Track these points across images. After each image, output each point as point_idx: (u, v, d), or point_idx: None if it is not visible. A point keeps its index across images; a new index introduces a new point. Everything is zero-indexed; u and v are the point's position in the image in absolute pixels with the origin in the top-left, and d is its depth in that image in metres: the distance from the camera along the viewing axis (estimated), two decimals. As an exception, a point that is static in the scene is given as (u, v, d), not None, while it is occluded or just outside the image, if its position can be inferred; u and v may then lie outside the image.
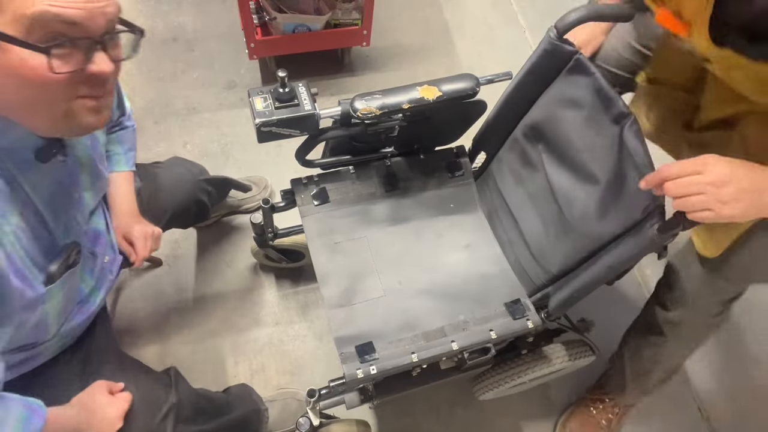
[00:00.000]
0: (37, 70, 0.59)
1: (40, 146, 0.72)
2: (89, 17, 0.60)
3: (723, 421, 1.47)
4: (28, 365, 0.87)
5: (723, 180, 0.69)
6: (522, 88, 1.09)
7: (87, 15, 0.60)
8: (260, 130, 0.93)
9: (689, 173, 0.72)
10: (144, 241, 1.06)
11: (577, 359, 1.23)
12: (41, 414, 0.70)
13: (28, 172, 0.72)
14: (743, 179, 0.70)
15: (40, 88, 0.61)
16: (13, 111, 0.65)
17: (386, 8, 2.17)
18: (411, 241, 1.17)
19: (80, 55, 0.62)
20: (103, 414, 0.84)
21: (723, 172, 0.70)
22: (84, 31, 0.61)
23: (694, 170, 0.71)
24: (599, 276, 0.93)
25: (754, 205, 0.71)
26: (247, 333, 1.50)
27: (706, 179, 0.70)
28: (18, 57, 0.58)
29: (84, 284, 0.93)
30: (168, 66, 1.97)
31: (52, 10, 0.57)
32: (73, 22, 0.59)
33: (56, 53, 0.59)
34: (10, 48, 0.58)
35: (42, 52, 0.59)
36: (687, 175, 0.72)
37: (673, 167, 0.73)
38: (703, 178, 0.70)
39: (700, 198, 0.71)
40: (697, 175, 0.71)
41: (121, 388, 0.91)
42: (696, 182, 0.71)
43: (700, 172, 0.71)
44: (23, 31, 0.57)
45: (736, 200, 0.69)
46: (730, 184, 0.69)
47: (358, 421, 1.28)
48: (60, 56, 0.60)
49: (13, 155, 0.69)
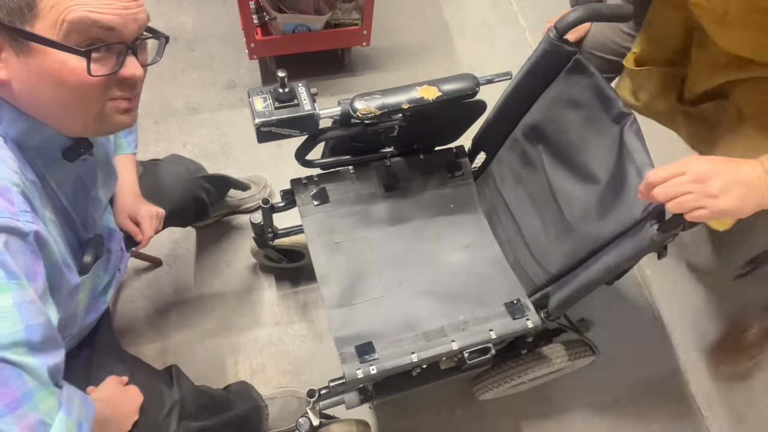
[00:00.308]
0: (76, 73, 0.62)
1: (67, 146, 0.74)
2: (124, 23, 0.64)
3: (723, 421, 1.47)
4: None
5: (706, 175, 0.70)
6: (522, 89, 1.09)
7: (122, 21, 0.64)
8: (260, 130, 0.93)
9: (673, 176, 0.72)
10: (149, 220, 1.08)
11: (576, 359, 1.23)
12: (91, 402, 0.73)
13: (54, 170, 0.75)
14: (727, 172, 0.70)
15: (76, 89, 0.64)
16: (45, 112, 0.68)
17: (386, 8, 2.17)
18: (411, 241, 1.17)
19: (114, 59, 0.66)
20: (124, 407, 0.88)
21: (704, 168, 0.71)
22: (118, 36, 0.64)
23: (677, 172, 0.72)
24: (599, 276, 0.93)
25: (748, 198, 0.71)
26: (247, 333, 1.50)
27: (689, 177, 0.71)
28: (58, 60, 0.61)
29: (98, 280, 0.95)
30: (168, 66, 1.96)
31: (91, 15, 0.61)
32: (111, 27, 0.63)
33: (94, 57, 0.63)
34: (50, 51, 0.61)
35: (83, 56, 0.62)
36: (671, 178, 0.72)
37: (658, 172, 0.74)
38: (687, 177, 0.71)
39: (690, 197, 0.71)
40: (681, 176, 0.72)
41: (126, 382, 0.93)
42: (680, 182, 0.72)
43: (684, 173, 0.72)
44: (62, 35, 0.60)
45: (725, 191, 0.70)
46: (713, 177, 0.70)
47: (357, 421, 1.28)
48: (97, 60, 0.63)
49: (41, 154, 0.72)
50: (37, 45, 0.60)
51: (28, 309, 0.58)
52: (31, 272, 0.61)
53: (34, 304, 0.59)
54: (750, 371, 1.53)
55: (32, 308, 0.59)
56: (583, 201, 1.00)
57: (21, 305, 0.57)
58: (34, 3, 0.58)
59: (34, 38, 0.60)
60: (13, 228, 0.59)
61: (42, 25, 0.59)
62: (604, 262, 0.92)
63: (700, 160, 0.72)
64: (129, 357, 1.03)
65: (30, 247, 0.61)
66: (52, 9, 0.59)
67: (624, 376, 1.50)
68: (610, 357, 1.42)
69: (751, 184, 0.71)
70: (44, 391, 0.59)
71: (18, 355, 0.56)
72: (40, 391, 0.58)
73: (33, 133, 0.69)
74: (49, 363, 0.60)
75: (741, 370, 1.47)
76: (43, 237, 0.64)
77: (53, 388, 0.61)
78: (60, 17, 0.59)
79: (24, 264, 0.60)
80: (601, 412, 1.46)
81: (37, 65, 0.62)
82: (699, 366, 1.54)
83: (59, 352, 0.64)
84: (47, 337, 0.60)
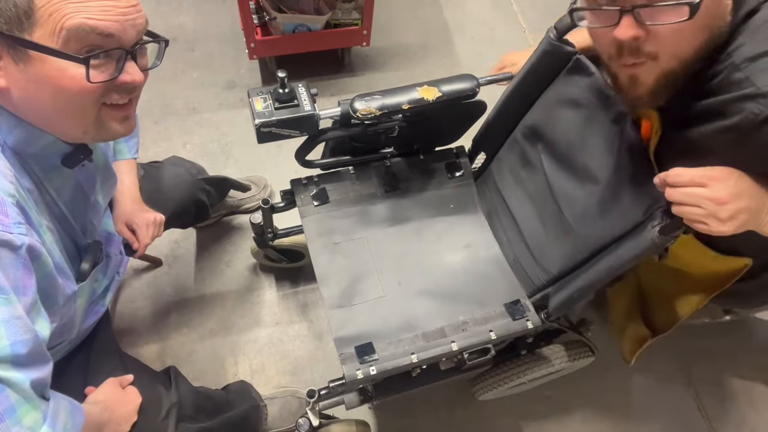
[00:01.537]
0: (75, 80, 0.63)
1: (67, 152, 0.74)
2: (122, 29, 0.64)
3: (723, 421, 1.47)
4: None
5: (724, 200, 0.69)
6: (522, 89, 1.09)
7: (120, 27, 0.64)
8: (260, 131, 0.93)
9: (694, 185, 0.71)
10: (146, 228, 1.08)
11: (576, 360, 1.23)
12: (80, 409, 0.73)
13: (53, 177, 0.75)
14: (743, 200, 0.70)
15: (75, 96, 0.64)
16: (44, 119, 0.68)
17: (386, 8, 2.17)
18: (411, 241, 1.17)
19: (113, 65, 0.66)
20: (122, 409, 0.88)
21: (726, 193, 0.69)
22: (117, 42, 0.65)
23: (698, 183, 0.71)
24: (600, 277, 0.93)
25: (747, 224, 0.71)
26: (246, 333, 1.50)
27: (707, 194, 0.70)
28: (56, 67, 0.62)
29: (97, 284, 0.95)
30: (168, 66, 1.96)
31: (89, 23, 0.61)
32: (110, 34, 0.63)
33: (93, 63, 0.63)
34: (49, 59, 0.61)
35: (81, 63, 0.62)
36: (691, 186, 0.71)
37: (681, 174, 0.72)
38: (706, 192, 0.70)
39: (699, 211, 0.71)
40: (700, 188, 0.71)
41: (130, 381, 0.93)
42: (697, 194, 0.71)
43: (705, 186, 0.70)
44: (60, 43, 0.61)
45: (732, 219, 0.70)
46: (730, 204, 0.69)
47: (357, 422, 1.28)
48: (96, 66, 0.64)
49: (40, 161, 0.72)
50: (36, 53, 0.60)
51: (15, 325, 0.58)
52: (21, 286, 0.61)
53: (21, 319, 0.59)
54: (751, 371, 1.53)
55: (19, 324, 0.59)
56: (583, 201, 1.00)
57: (8, 321, 0.57)
58: (32, 11, 0.58)
59: (33, 46, 0.60)
60: (5, 241, 0.59)
61: (40, 33, 0.60)
62: (605, 263, 0.92)
63: (725, 183, 0.70)
64: (127, 359, 1.03)
65: (21, 260, 0.61)
66: (50, 17, 0.59)
67: (624, 376, 1.50)
68: (610, 357, 1.43)
69: (757, 222, 0.72)
70: (27, 406, 0.59)
71: (2, 371, 0.57)
72: (23, 406, 0.59)
73: (32, 140, 0.69)
74: (34, 377, 0.61)
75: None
76: (35, 249, 0.64)
77: (38, 402, 0.61)
78: (58, 25, 0.59)
79: (14, 278, 0.60)
80: (601, 412, 1.46)
81: (36, 73, 0.62)
82: (699, 366, 1.53)
83: (46, 366, 0.64)
84: (33, 352, 0.61)
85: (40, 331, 0.64)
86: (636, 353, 1.24)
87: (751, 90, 0.69)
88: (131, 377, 0.94)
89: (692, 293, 1.11)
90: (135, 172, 1.12)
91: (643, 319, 1.26)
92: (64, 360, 0.93)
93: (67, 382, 0.92)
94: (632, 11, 0.69)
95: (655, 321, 1.23)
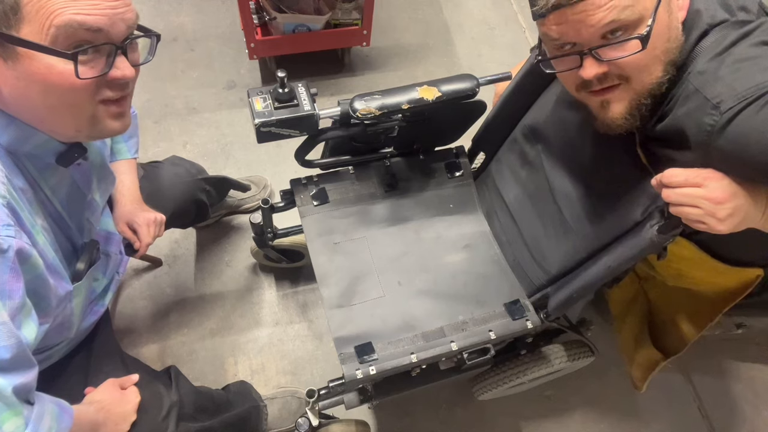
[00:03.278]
0: (64, 76, 0.62)
1: (61, 151, 0.73)
2: (111, 23, 0.63)
3: (723, 420, 1.47)
4: (40, 366, 0.88)
5: (721, 199, 0.69)
6: (521, 89, 1.09)
7: (109, 21, 0.62)
8: (260, 131, 0.93)
9: (690, 185, 0.72)
10: (147, 228, 1.07)
11: (576, 360, 1.23)
12: (70, 412, 0.73)
13: (48, 176, 0.74)
14: (740, 198, 0.70)
15: (65, 93, 0.63)
16: (36, 117, 0.67)
17: (386, 8, 2.17)
18: (410, 241, 1.17)
19: (103, 60, 0.65)
20: (119, 409, 0.87)
21: (723, 192, 0.70)
22: (106, 37, 0.63)
23: (694, 183, 0.71)
24: (599, 276, 0.93)
25: (744, 221, 0.72)
26: (246, 333, 1.50)
27: (704, 194, 0.70)
28: (44, 64, 0.61)
29: (96, 283, 0.95)
30: (168, 66, 1.97)
31: (77, 18, 0.60)
32: (98, 29, 0.62)
33: (82, 59, 0.62)
34: (37, 56, 0.60)
35: (69, 59, 0.61)
36: (687, 186, 0.72)
37: (676, 174, 0.73)
38: (702, 192, 0.70)
39: (696, 211, 0.71)
40: (696, 188, 0.71)
41: (134, 381, 0.93)
42: (694, 194, 0.71)
43: (700, 186, 0.71)
44: (49, 39, 0.60)
45: (731, 217, 0.70)
46: (727, 202, 0.70)
47: (357, 422, 1.28)
48: (85, 62, 0.63)
49: (34, 160, 0.71)
50: (24, 50, 0.60)
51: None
52: (6, 290, 0.61)
53: (5, 325, 0.59)
54: (751, 371, 1.53)
55: (2, 329, 0.59)
56: (583, 201, 1.00)
57: None
58: (19, 7, 0.58)
59: (20, 42, 0.59)
60: None
61: (28, 30, 0.59)
62: (604, 262, 0.92)
63: (720, 182, 0.71)
64: (128, 359, 1.03)
65: (8, 264, 0.61)
66: (37, 13, 0.58)
67: (624, 376, 1.50)
68: (610, 357, 1.43)
69: (755, 219, 0.72)
70: (8, 412, 0.59)
71: None
72: (4, 412, 0.59)
73: (25, 139, 0.68)
74: (17, 383, 0.60)
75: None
76: (24, 251, 0.63)
77: (20, 408, 0.61)
78: (47, 22, 0.59)
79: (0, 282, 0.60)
80: (601, 412, 1.46)
81: (25, 70, 0.61)
82: (699, 366, 1.53)
83: (30, 371, 0.64)
84: (16, 357, 0.60)
85: (26, 335, 0.63)
86: (647, 379, 1.24)
87: (702, 102, 0.71)
88: (136, 377, 0.94)
89: (704, 311, 1.11)
90: (135, 171, 1.11)
91: (654, 342, 1.25)
92: (64, 360, 0.93)
93: (67, 382, 0.92)
94: (590, 53, 0.73)
95: (667, 343, 1.23)
